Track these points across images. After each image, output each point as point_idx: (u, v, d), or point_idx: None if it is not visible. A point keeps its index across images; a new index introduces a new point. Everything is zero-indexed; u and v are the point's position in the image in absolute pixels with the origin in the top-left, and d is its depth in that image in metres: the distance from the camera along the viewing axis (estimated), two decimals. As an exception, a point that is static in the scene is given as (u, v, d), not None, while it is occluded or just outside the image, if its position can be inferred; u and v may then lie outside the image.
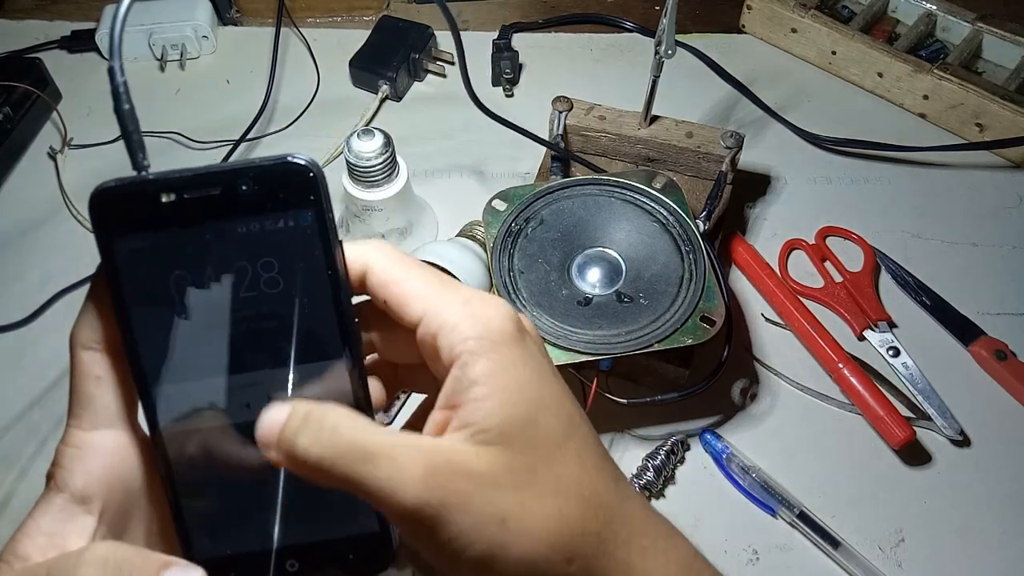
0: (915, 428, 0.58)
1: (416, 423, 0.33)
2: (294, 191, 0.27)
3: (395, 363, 0.34)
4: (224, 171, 0.27)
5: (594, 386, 0.54)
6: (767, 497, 0.56)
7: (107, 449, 0.29)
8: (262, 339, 0.28)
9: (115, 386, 0.29)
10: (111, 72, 0.27)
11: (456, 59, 0.65)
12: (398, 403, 0.59)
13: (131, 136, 0.28)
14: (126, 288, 0.28)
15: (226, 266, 0.28)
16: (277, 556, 0.29)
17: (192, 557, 0.29)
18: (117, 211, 0.27)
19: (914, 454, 0.59)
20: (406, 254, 0.31)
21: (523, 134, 0.67)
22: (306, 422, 0.27)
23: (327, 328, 0.29)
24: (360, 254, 0.30)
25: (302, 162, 0.27)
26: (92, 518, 0.28)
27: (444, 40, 0.83)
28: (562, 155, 0.66)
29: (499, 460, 0.28)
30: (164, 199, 0.27)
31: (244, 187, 0.27)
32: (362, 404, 0.29)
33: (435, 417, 0.29)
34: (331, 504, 0.29)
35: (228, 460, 0.29)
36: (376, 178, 0.62)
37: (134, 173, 0.28)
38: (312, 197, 0.27)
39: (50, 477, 0.29)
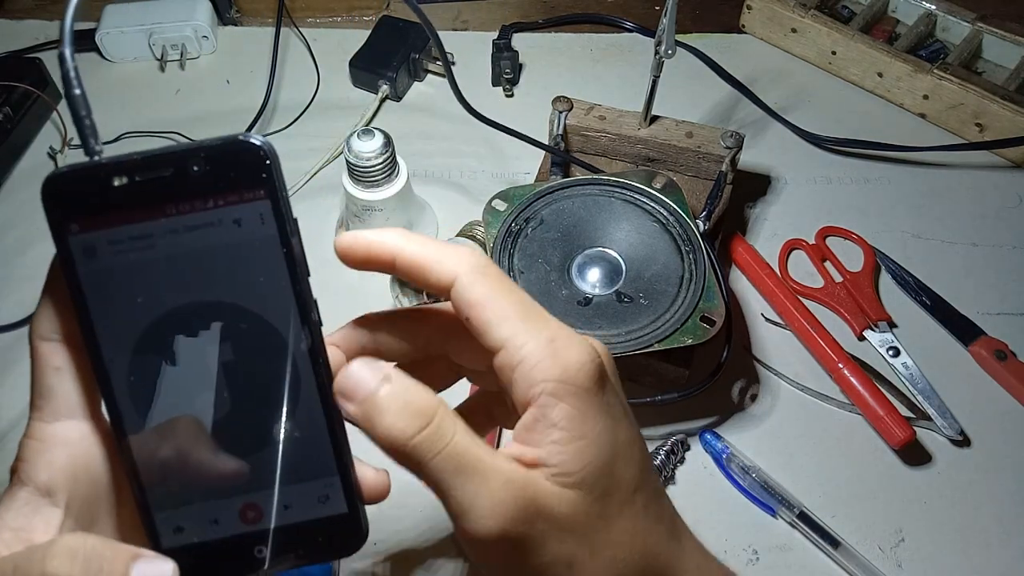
0: (915, 428, 0.58)
1: (468, 414, 0.34)
2: (247, 171, 0.27)
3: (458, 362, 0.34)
4: (175, 152, 0.27)
5: (594, 386, 0.54)
6: (767, 497, 0.56)
7: (70, 440, 0.29)
8: (219, 323, 0.28)
9: (75, 377, 0.29)
10: (61, 57, 0.27)
11: (444, 69, 0.65)
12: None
13: (83, 121, 0.28)
14: (82, 276, 0.27)
15: (181, 249, 0.27)
16: (245, 542, 0.29)
17: (160, 546, 0.29)
18: (70, 198, 0.27)
19: (914, 454, 0.59)
20: (496, 269, 0.30)
21: (518, 137, 0.67)
22: (407, 409, 0.28)
23: (284, 308, 0.28)
24: (451, 265, 0.29)
25: (254, 141, 0.27)
26: (58, 510, 0.28)
27: (444, 40, 0.83)
28: (558, 156, 0.66)
29: (578, 505, 0.29)
30: (116, 182, 0.27)
31: (195, 167, 0.27)
32: (324, 386, 0.29)
33: (512, 449, 0.29)
34: (298, 488, 0.29)
35: (192, 448, 0.29)
36: (376, 178, 0.62)
37: (87, 159, 0.27)
38: (265, 176, 0.27)
39: (13, 471, 0.28)
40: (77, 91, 0.27)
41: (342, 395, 0.28)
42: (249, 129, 0.77)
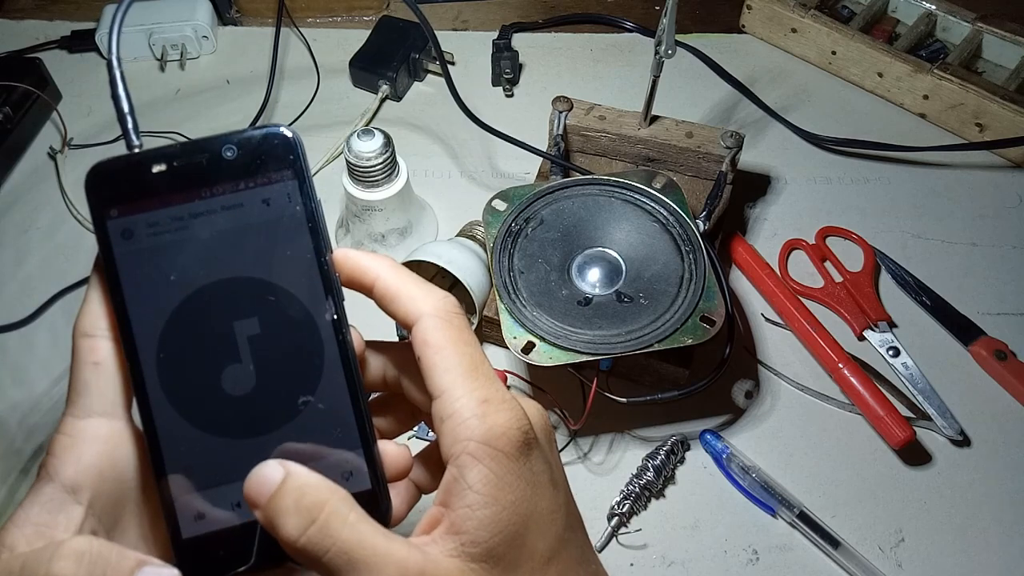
0: (915, 428, 0.58)
1: (427, 458, 0.34)
2: (275, 155, 0.29)
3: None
4: (208, 139, 0.29)
5: (594, 386, 0.54)
6: (767, 497, 0.56)
7: (100, 437, 0.29)
8: (248, 297, 0.29)
9: (113, 374, 0.29)
10: (109, 65, 0.30)
11: (443, 73, 0.65)
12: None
13: (125, 117, 0.30)
14: (120, 260, 0.29)
15: (213, 228, 0.29)
16: (263, 530, 0.29)
17: (178, 534, 0.29)
18: (112, 185, 0.29)
19: (914, 454, 0.59)
20: (462, 321, 0.31)
21: (511, 142, 0.66)
22: (297, 507, 0.27)
23: (310, 281, 0.30)
24: (420, 304, 0.30)
25: (282, 128, 0.29)
26: (80, 508, 0.28)
27: (444, 40, 0.83)
28: (555, 160, 0.66)
29: None
30: (155, 169, 0.29)
31: (228, 153, 0.29)
32: (347, 358, 0.30)
33: (431, 512, 0.29)
34: (323, 464, 0.29)
35: (221, 427, 0.29)
36: (376, 178, 0.62)
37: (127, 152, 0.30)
38: (292, 158, 0.29)
39: (42, 466, 0.28)
40: (123, 91, 0.30)
41: (249, 500, 0.28)
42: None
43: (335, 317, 0.30)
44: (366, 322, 0.33)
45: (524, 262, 0.57)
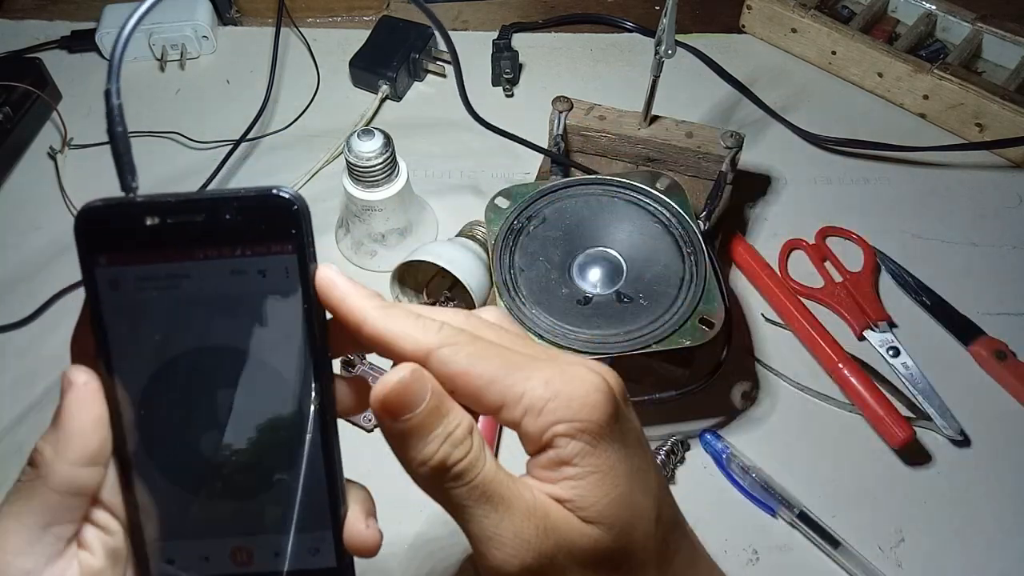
0: (915, 428, 0.58)
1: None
2: (277, 224, 0.27)
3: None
4: (209, 198, 0.27)
5: (594, 386, 0.54)
6: (767, 497, 0.56)
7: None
8: (233, 369, 0.28)
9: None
10: (107, 94, 0.28)
11: (453, 72, 0.65)
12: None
13: (122, 157, 0.28)
14: (105, 309, 0.28)
15: (204, 293, 0.28)
16: None
17: (148, 573, 0.29)
18: (102, 231, 0.27)
19: (914, 454, 0.59)
20: (468, 334, 0.28)
21: (517, 141, 0.66)
22: (451, 441, 0.27)
23: (299, 363, 0.28)
24: (422, 341, 0.28)
25: (287, 196, 0.27)
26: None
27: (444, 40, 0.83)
28: (557, 159, 0.66)
29: (600, 541, 0.28)
30: (148, 221, 0.27)
31: (228, 215, 0.27)
32: (329, 442, 0.29)
33: (535, 477, 0.29)
34: (291, 538, 0.29)
35: (191, 485, 0.29)
36: (376, 178, 0.62)
37: (122, 194, 0.28)
38: (294, 231, 0.27)
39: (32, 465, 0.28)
40: (119, 128, 0.28)
41: (387, 412, 0.27)
42: (249, 129, 0.77)
43: (321, 402, 0.28)
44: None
45: (525, 260, 0.57)
